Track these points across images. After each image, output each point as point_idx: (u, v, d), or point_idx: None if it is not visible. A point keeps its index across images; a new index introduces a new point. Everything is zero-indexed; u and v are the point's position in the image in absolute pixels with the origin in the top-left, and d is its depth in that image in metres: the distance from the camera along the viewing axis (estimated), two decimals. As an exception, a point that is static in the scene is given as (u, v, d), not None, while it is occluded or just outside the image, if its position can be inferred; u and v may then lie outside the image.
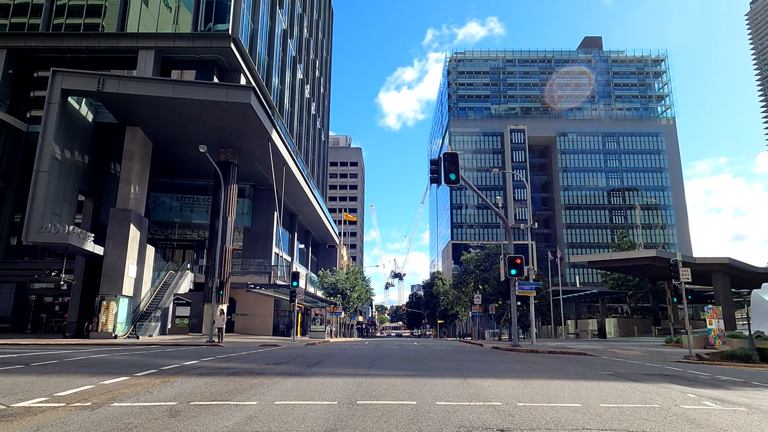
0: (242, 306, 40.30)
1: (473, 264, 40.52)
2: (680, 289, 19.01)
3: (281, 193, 38.75)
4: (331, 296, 44.90)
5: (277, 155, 34.98)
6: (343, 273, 45.84)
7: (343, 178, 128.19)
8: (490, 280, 37.99)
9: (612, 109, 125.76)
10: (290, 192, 45.95)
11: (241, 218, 41.00)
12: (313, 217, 57.26)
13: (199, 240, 43.51)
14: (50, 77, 25.70)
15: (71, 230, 24.38)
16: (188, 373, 9.93)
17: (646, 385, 9.05)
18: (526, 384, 8.91)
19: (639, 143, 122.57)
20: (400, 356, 16.93)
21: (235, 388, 7.73)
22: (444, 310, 59.56)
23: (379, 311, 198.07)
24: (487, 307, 39.28)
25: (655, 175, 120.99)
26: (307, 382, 8.65)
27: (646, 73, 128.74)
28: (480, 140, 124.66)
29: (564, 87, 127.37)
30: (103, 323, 27.17)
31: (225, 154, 33.24)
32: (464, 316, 55.01)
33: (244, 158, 34.80)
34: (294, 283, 26.24)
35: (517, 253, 24.19)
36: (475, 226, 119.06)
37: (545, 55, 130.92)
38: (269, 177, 34.45)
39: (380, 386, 8.21)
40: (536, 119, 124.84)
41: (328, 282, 44.95)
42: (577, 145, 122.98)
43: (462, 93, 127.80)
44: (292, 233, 52.36)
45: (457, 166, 16.26)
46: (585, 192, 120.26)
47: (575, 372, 11.83)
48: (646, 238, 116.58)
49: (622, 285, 43.68)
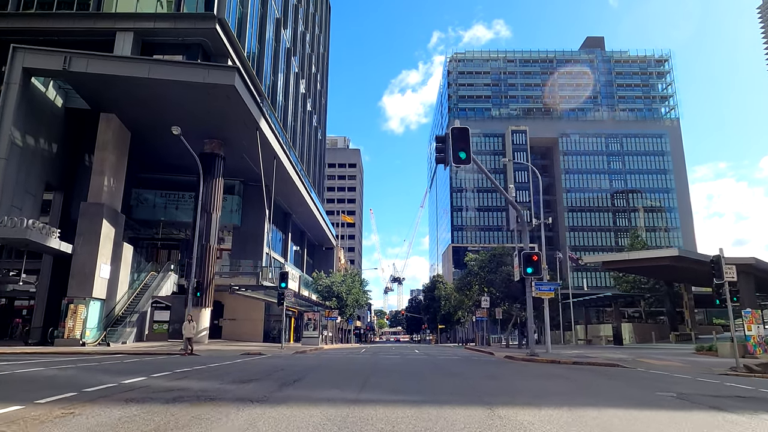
0: (231, 310, 37.57)
1: (477, 266, 37.83)
2: (724, 291, 16.40)
3: (272, 187, 36.14)
4: (326, 300, 42.12)
5: (266, 146, 32.41)
6: (339, 275, 43.02)
7: (342, 180, 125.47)
8: (496, 283, 35.32)
9: (615, 109, 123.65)
10: (283, 190, 43.35)
11: (229, 216, 38.37)
12: (308, 217, 54.62)
13: (186, 239, 40.77)
14: (10, 54, 23.14)
15: (31, 224, 21.71)
16: (113, 399, 7.28)
17: (748, 419, 6.41)
18: (577, 417, 6.27)
19: (642, 144, 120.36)
20: (401, 369, 14.28)
21: (157, 428, 5.11)
22: (446, 314, 56.74)
23: (378, 316, 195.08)
24: (493, 311, 36.63)
25: (659, 177, 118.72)
26: (269, 416, 6.00)
27: (650, 73, 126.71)
28: (481, 141, 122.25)
29: (566, 87, 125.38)
30: (70, 329, 24.45)
31: (210, 145, 30.65)
32: (467, 321, 52.30)
33: (231, 150, 32.21)
34: (282, 284, 23.51)
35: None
36: (476, 229, 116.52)
37: (547, 55, 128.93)
38: (257, 169, 31.83)
39: (373, 424, 5.58)
40: (538, 120, 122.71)
41: (322, 284, 42.13)
42: (579, 146, 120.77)
43: (462, 93, 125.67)
44: (285, 234, 49.70)
45: (468, 144, 13.68)
46: (588, 194, 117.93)
47: (625, 393, 9.20)
48: (650, 241, 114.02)
49: (636, 288, 40.92)
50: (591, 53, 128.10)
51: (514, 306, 33.55)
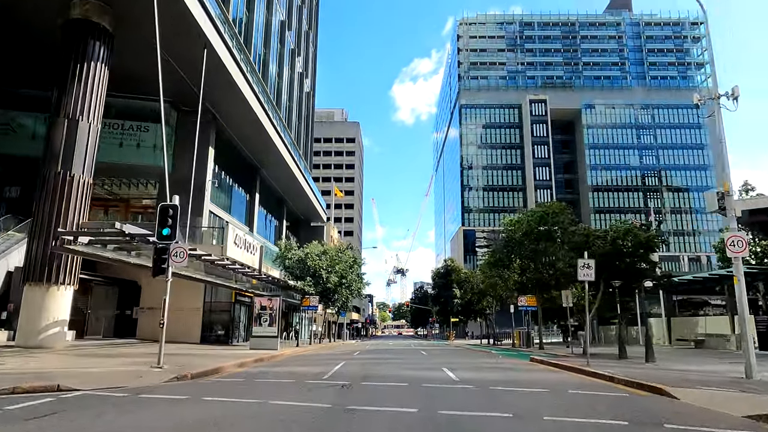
0: (151, 295, 25.06)
1: (525, 227, 24.98)
2: None
3: (218, 114, 23.45)
4: (298, 279, 29.10)
5: (195, 32, 19.73)
6: (317, 246, 29.88)
7: (339, 156, 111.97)
8: (557, 252, 22.43)
9: (645, 78, 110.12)
10: (245, 130, 30.90)
11: (152, 155, 25.76)
12: (287, 178, 41.95)
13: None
14: None
15: None
16: None
17: None
18: None
19: (676, 116, 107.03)
20: None
21: None
22: (466, 304, 43.98)
23: (380, 309, 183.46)
24: (551, 296, 24.37)
25: (695, 153, 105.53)
26: None
27: (684, 37, 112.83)
28: (494, 113, 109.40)
29: (590, 54, 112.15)
30: None
31: (83, 6, 17.82)
32: (492, 313, 39.74)
33: (134, 36, 19.57)
34: (165, 231, 10.94)
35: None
36: (488, 211, 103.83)
37: (568, 18, 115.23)
38: (193, 85, 19.22)
39: None
40: (558, 90, 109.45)
41: (292, 258, 28.88)
42: (605, 118, 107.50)
43: (474, 60, 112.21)
44: (250, 193, 37.08)
45: None
46: (615, 172, 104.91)
47: None
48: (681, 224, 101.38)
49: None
50: (617, 15, 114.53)
51: (611, 285, 20.54)
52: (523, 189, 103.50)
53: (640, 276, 19.23)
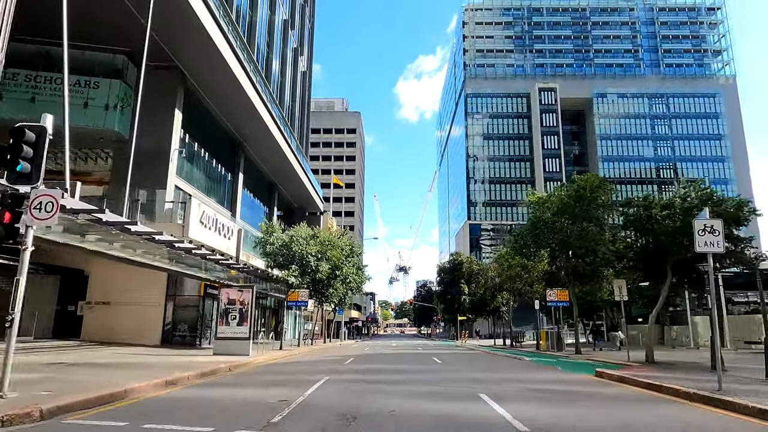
0: (101, 287, 20.40)
1: (555, 207, 20.05)
2: None
3: (185, 69, 18.75)
4: (281, 268, 23.95)
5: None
6: (305, 229, 24.65)
7: (339, 148, 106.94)
8: (598, 237, 17.47)
9: (659, 65, 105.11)
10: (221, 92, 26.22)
11: (102, 116, 21.03)
12: (276, 159, 37.27)
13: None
14: None
15: None
16: None
17: None
18: None
19: (693, 106, 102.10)
20: None
21: None
22: (478, 300, 38.99)
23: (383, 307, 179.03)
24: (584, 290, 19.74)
25: (712, 144, 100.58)
26: None
27: (700, 23, 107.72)
28: (501, 102, 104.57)
29: (601, 40, 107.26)
30: None
31: None
32: (509, 310, 34.78)
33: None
34: (19, 166, 6.50)
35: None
36: (494, 204, 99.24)
37: (579, 3, 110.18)
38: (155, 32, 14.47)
39: None
40: (568, 78, 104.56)
41: (274, 243, 23.76)
42: (618, 108, 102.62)
43: (480, 47, 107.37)
44: (233, 172, 32.38)
45: None
46: (628, 164, 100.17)
47: None
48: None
49: None
50: (630, 1, 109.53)
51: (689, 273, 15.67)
52: (532, 181, 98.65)
53: (727, 258, 14.50)
